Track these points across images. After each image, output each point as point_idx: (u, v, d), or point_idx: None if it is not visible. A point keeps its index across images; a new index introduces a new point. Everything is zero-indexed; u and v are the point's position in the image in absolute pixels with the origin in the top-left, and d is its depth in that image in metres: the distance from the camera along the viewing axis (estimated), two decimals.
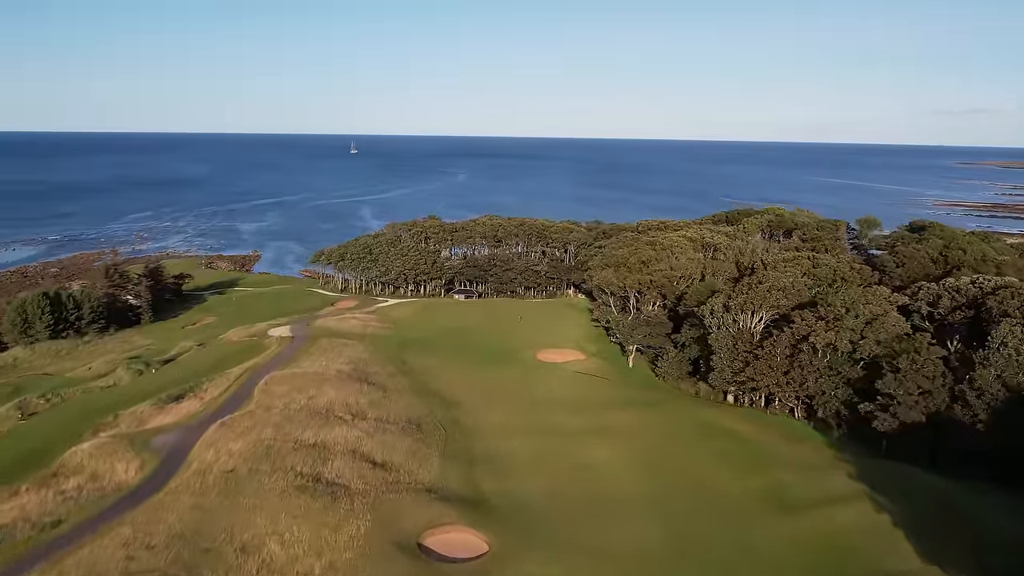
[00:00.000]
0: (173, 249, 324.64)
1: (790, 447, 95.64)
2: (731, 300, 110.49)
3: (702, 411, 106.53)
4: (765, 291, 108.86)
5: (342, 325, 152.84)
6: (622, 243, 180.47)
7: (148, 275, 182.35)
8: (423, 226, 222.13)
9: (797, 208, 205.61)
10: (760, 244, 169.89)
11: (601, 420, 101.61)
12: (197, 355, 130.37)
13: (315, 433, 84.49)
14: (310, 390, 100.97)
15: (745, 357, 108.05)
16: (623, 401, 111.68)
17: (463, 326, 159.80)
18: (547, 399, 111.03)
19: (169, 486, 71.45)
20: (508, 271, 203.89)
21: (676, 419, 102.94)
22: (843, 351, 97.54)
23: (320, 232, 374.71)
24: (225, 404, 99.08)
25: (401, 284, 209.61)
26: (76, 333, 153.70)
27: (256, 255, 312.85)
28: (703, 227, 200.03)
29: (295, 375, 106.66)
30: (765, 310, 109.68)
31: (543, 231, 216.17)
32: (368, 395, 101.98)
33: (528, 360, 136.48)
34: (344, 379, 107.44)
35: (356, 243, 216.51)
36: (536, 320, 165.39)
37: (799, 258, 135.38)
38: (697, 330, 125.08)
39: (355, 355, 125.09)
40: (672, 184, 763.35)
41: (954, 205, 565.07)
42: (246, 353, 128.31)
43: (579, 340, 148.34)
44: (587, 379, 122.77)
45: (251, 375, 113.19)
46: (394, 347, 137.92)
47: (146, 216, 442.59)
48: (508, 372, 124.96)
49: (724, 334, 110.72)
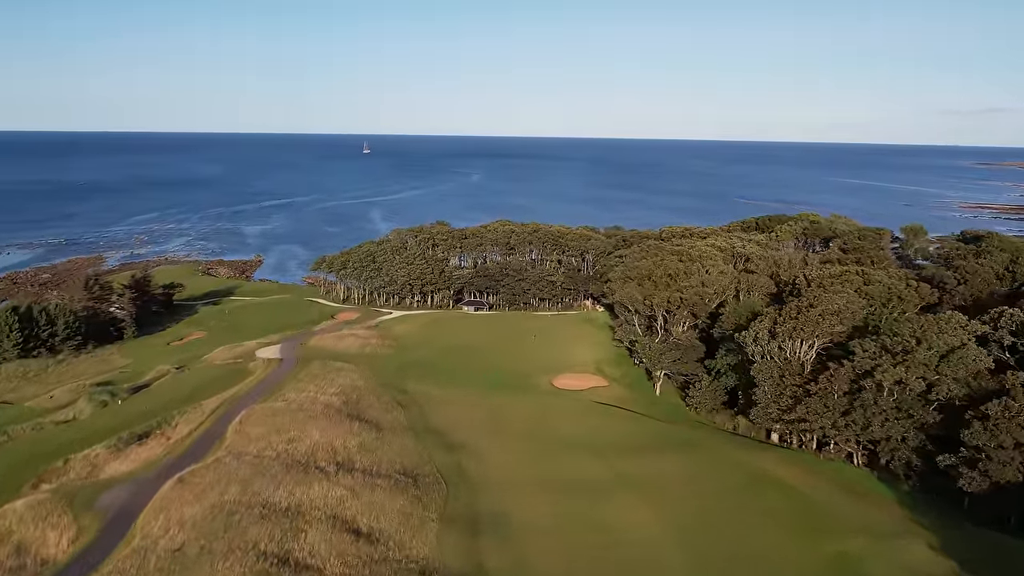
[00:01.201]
0: (173, 253, 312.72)
1: (853, 504, 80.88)
2: (778, 326, 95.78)
3: (745, 455, 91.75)
4: (817, 316, 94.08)
5: (338, 344, 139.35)
6: (645, 252, 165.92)
7: (133, 286, 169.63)
8: (430, 232, 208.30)
9: (834, 214, 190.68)
10: (797, 255, 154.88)
11: (628, 467, 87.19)
12: (172, 381, 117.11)
13: (289, 492, 70.59)
14: (291, 430, 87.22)
15: (794, 392, 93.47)
16: (653, 440, 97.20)
17: (471, 344, 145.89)
18: (564, 438, 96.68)
19: (101, 571, 57.82)
20: (521, 281, 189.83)
21: (716, 466, 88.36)
22: (915, 390, 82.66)
23: (327, 236, 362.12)
24: (192, 447, 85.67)
25: (407, 294, 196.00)
26: (49, 351, 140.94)
27: (258, 260, 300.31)
28: (732, 235, 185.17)
29: (275, 411, 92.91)
30: (817, 338, 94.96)
31: (559, 238, 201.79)
32: (358, 436, 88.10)
33: (543, 387, 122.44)
34: (332, 415, 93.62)
35: (359, 250, 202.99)
36: (551, 337, 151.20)
37: (847, 274, 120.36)
38: (734, 356, 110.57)
39: (348, 383, 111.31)
40: (687, 185, 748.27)
41: (981, 207, 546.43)
42: (227, 379, 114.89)
43: (599, 362, 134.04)
44: (610, 412, 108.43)
45: (229, 408, 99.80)
46: (393, 370, 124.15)
47: (151, 218, 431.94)
48: (520, 403, 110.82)
49: (769, 365, 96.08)
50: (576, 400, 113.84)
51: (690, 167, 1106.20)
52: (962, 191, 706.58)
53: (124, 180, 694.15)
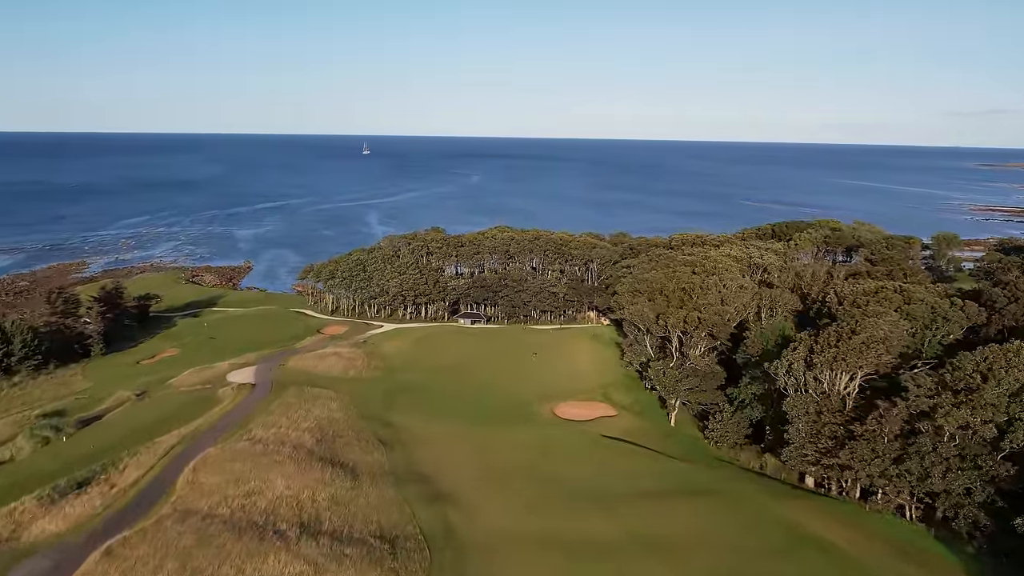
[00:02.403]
0: (159, 259, 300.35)
1: (909, 570, 68.65)
2: (815, 355, 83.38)
3: (779, 506, 79.28)
4: (861, 344, 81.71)
5: (319, 365, 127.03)
6: (654, 262, 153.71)
7: (103, 299, 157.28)
8: (424, 239, 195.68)
9: (857, 221, 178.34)
10: (821, 267, 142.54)
11: (642, 522, 74.79)
12: (129, 412, 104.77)
13: (237, 570, 58.25)
14: (251, 480, 74.97)
15: (834, 431, 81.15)
16: (670, 485, 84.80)
17: (465, 364, 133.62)
18: (568, 483, 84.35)
19: None
20: (521, 292, 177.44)
21: (746, 520, 75.93)
22: (984, 436, 70.33)
23: (321, 240, 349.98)
24: (137, 499, 73.40)
25: (399, 306, 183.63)
26: (4, 373, 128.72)
27: (247, 266, 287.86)
28: (748, 243, 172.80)
29: (236, 454, 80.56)
30: (860, 369, 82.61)
31: (561, 246, 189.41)
32: (330, 486, 75.81)
33: (543, 417, 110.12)
34: (302, 459, 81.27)
35: (349, 258, 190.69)
36: (553, 356, 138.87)
37: (883, 291, 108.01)
38: (759, 385, 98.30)
39: (325, 415, 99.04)
40: (688, 185, 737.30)
41: (991, 210, 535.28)
42: (191, 409, 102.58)
43: (607, 387, 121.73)
44: (620, 449, 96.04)
45: (188, 446, 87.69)
46: (378, 398, 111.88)
47: (140, 221, 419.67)
48: (518, 437, 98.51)
49: (805, 399, 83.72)
50: (581, 434, 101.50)
51: (689, 168, 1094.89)
52: (969, 193, 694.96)
53: (117, 182, 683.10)
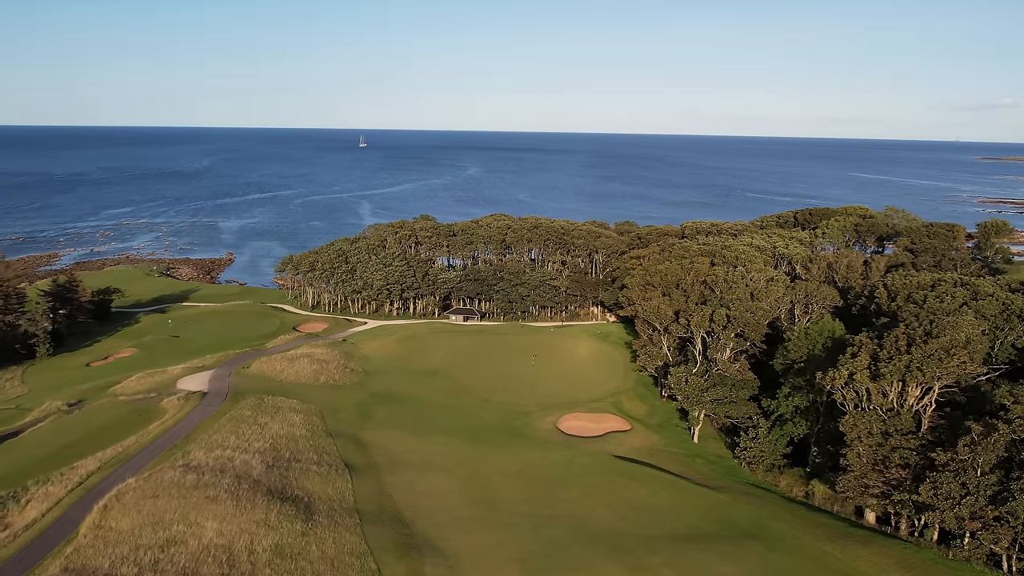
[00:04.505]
0: (136, 251, 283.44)
1: None
2: (882, 363, 67.17)
3: (841, 553, 62.93)
4: (941, 351, 65.49)
5: (287, 369, 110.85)
6: (667, 253, 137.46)
7: (54, 294, 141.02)
8: (412, 228, 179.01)
9: (889, 207, 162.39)
10: (857, 257, 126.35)
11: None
12: (53, 428, 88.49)
13: None
14: (175, 523, 58.87)
15: (905, 457, 65.08)
16: (705, 525, 68.60)
17: (455, 368, 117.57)
18: (574, 521, 68.27)
19: None
20: (518, 286, 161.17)
21: (796, 574, 59.92)
22: None
23: (310, 231, 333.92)
24: (23, 551, 57.31)
25: (385, 301, 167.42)
26: None
27: (228, 259, 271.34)
28: (769, 232, 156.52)
29: (162, 488, 64.27)
30: (937, 380, 66.49)
31: (562, 235, 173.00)
32: (276, 530, 59.66)
33: (544, 432, 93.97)
34: (244, 492, 65.08)
35: (330, 248, 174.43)
36: (555, 359, 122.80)
37: (942, 284, 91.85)
38: (802, 396, 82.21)
39: (285, 431, 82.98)
40: (690, 178, 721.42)
41: (1001, 202, 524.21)
42: (126, 425, 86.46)
43: (617, 395, 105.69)
44: (636, 474, 79.79)
45: (111, 473, 71.78)
46: (351, 410, 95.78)
47: (124, 212, 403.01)
48: (515, 460, 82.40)
49: (868, 418, 67.56)
50: (589, 455, 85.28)
51: (690, 161, 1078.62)
52: (976, 185, 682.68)
53: (108, 172, 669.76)
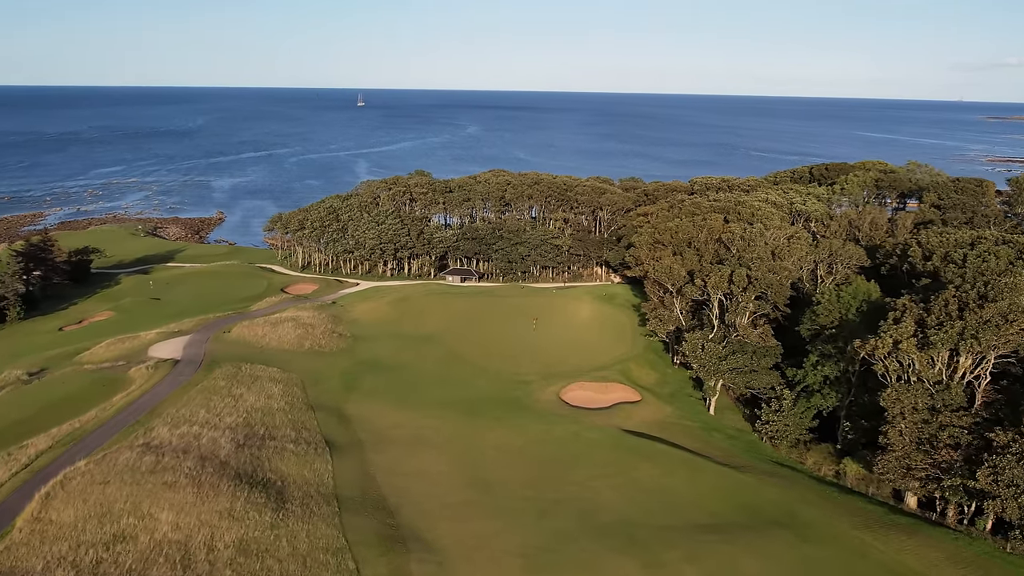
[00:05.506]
0: (124, 210, 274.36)
1: None
2: (930, 330, 59.13)
3: (883, 545, 55.55)
4: (998, 317, 57.40)
5: (269, 334, 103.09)
6: (676, 209, 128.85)
7: (26, 254, 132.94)
8: (407, 184, 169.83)
9: (911, 162, 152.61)
10: (880, 214, 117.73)
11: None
12: (6, 401, 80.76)
13: None
14: (125, 514, 51.51)
15: (956, 436, 57.49)
16: (729, 512, 61.08)
17: (450, 333, 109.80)
18: (579, 506, 60.96)
19: None
20: (518, 245, 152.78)
21: (841, 567, 52.72)
22: None
23: (304, 190, 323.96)
24: None
25: (378, 260, 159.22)
26: None
27: (219, 218, 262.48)
28: (784, 187, 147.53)
29: (115, 471, 56.78)
30: (993, 351, 58.54)
31: (565, 191, 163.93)
32: (241, 522, 52.30)
33: (546, 404, 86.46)
34: (209, 476, 57.65)
35: (320, 206, 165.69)
36: (558, 323, 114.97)
37: (983, 242, 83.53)
38: (833, 365, 74.39)
39: (261, 403, 75.51)
40: (696, 137, 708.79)
41: (1009, 161, 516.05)
42: (89, 396, 78.93)
43: (625, 362, 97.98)
44: (647, 451, 72.28)
45: (63, 452, 64.36)
46: (336, 379, 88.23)
47: (115, 171, 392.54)
48: (514, 435, 74.94)
49: (914, 391, 59.75)
50: (596, 429, 77.80)
51: (696, 119, 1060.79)
52: (983, 144, 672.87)
53: (100, 131, 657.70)
